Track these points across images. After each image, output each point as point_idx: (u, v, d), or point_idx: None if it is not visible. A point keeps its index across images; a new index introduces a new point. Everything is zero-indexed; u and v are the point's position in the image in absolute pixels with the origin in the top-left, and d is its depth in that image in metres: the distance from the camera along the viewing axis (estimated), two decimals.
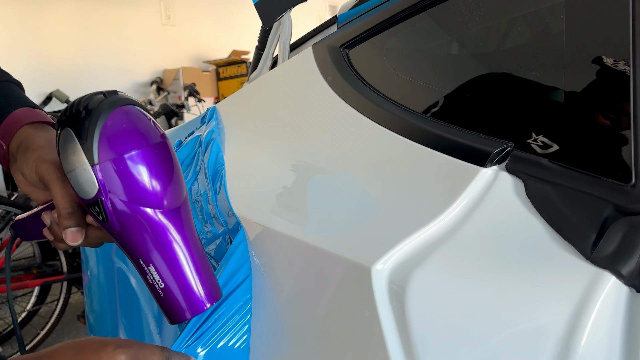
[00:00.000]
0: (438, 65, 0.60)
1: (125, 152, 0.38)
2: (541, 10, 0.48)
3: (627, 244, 0.33)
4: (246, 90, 0.76)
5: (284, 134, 0.63)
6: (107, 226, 0.40)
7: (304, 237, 0.49)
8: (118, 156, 0.38)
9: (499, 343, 0.34)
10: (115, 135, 0.38)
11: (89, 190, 0.38)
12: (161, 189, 0.40)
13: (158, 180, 0.40)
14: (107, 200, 0.38)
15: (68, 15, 3.32)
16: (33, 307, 2.05)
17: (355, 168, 0.52)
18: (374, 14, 0.61)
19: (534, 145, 0.41)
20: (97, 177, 0.38)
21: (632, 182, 0.34)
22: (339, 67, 0.61)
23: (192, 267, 0.42)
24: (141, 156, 0.39)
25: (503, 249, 0.38)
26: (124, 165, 0.38)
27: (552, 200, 0.37)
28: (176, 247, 0.42)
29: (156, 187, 0.40)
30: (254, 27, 0.94)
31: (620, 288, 0.32)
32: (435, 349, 0.37)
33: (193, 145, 0.72)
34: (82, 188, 0.39)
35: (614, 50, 0.38)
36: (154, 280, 0.42)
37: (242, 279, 0.54)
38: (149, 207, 0.40)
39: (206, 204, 0.63)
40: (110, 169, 0.38)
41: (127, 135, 0.39)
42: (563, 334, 0.32)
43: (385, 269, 0.40)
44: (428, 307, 0.38)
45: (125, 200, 0.39)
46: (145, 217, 0.40)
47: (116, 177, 0.38)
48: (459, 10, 0.54)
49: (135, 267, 0.42)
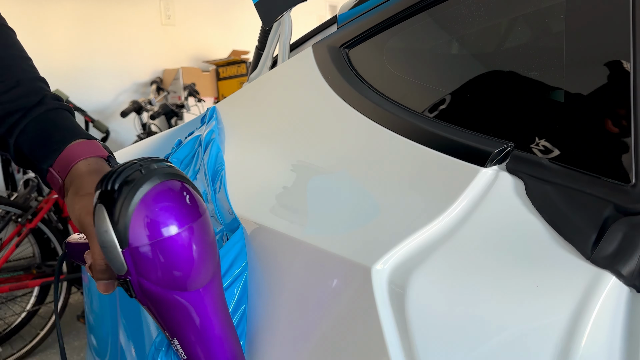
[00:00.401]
0: (438, 65, 0.60)
1: (157, 237, 0.37)
2: (541, 10, 0.48)
3: (628, 244, 0.33)
4: (246, 90, 0.76)
5: (283, 134, 0.63)
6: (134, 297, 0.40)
7: (304, 237, 0.49)
8: (149, 243, 0.37)
9: (499, 343, 0.34)
10: (149, 219, 0.37)
11: (118, 269, 0.38)
12: (192, 272, 0.39)
13: (189, 264, 0.39)
14: (135, 281, 0.38)
15: (68, 15, 3.31)
16: (33, 307, 2.05)
17: (355, 168, 0.52)
18: (374, 14, 0.61)
19: (535, 150, 0.41)
20: (126, 260, 0.38)
21: (633, 182, 0.34)
22: (339, 67, 0.61)
23: (216, 343, 0.42)
24: (173, 241, 0.38)
25: (503, 249, 0.38)
26: (154, 251, 0.37)
27: (553, 200, 0.37)
28: (201, 325, 0.41)
29: (186, 271, 0.39)
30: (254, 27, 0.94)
31: (620, 288, 0.32)
32: (435, 349, 0.37)
33: (193, 145, 0.72)
34: (112, 264, 0.38)
35: (615, 50, 0.38)
36: (177, 351, 0.42)
37: (236, 277, 0.54)
38: (176, 289, 0.39)
39: (206, 203, 0.63)
40: (139, 254, 0.37)
41: (161, 219, 0.37)
42: (563, 334, 0.32)
43: (385, 269, 0.40)
44: (428, 307, 0.38)
45: (153, 284, 0.38)
46: (172, 299, 0.39)
47: (145, 262, 0.37)
48: (459, 10, 0.54)
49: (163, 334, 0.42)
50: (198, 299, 0.40)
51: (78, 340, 2.07)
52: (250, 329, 0.56)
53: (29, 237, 2.04)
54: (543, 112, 0.44)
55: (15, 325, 2.02)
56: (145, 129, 3.10)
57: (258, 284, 0.55)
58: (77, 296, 2.32)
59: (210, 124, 0.74)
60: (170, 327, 0.41)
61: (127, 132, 3.24)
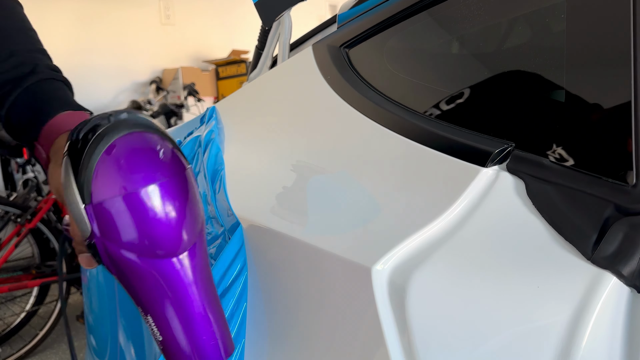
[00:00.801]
0: (438, 65, 0.60)
1: (121, 192, 0.33)
2: (541, 10, 0.48)
3: (628, 244, 0.33)
4: (246, 89, 0.76)
5: (283, 134, 0.63)
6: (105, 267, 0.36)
7: (304, 237, 0.49)
8: (111, 197, 0.33)
9: (500, 343, 0.34)
10: (113, 171, 0.33)
11: (83, 229, 0.34)
12: (163, 236, 0.34)
13: (159, 226, 0.34)
14: (100, 243, 0.34)
15: (67, 15, 3.31)
16: (32, 307, 2.05)
17: (355, 168, 0.52)
18: (374, 13, 0.61)
19: (538, 151, 0.41)
20: (89, 219, 0.33)
21: (633, 183, 0.34)
22: (339, 67, 0.61)
23: (198, 322, 0.36)
24: (140, 198, 0.33)
25: (504, 249, 0.37)
26: (118, 208, 0.33)
27: (553, 200, 0.37)
28: (179, 301, 0.35)
29: (156, 233, 0.34)
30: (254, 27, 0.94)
31: (621, 288, 0.32)
32: (435, 349, 0.36)
33: (192, 146, 0.72)
34: (78, 227, 0.34)
35: (615, 50, 0.38)
36: (154, 333, 0.36)
37: (236, 277, 0.54)
38: (146, 255, 0.34)
39: (205, 204, 0.63)
40: (102, 211, 0.33)
41: (126, 172, 0.33)
42: (564, 334, 0.32)
43: (385, 269, 0.40)
44: (428, 307, 0.38)
45: (119, 247, 0.33)
46: (142, 267, 0.34)
47: (108, 221, 0.33)
48: (459, 9, 0.54)
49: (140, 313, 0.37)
50: (172, 269, 0.35)
51: (77, 340, 2.07)
52: (250, 329, 0.56)
53: (28, 237, 2.03)
54: (543, 113, 0.44)
55: (14, 326, 2.02)
56: None
57: (258, 284, 0.55)
58: (77, 296, 2.32)
59: (210, 124, 0.74)
60: (143, 302, 0.35)
61: None
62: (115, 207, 0.33)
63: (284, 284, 0.51)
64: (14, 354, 1.94)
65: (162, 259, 0.34)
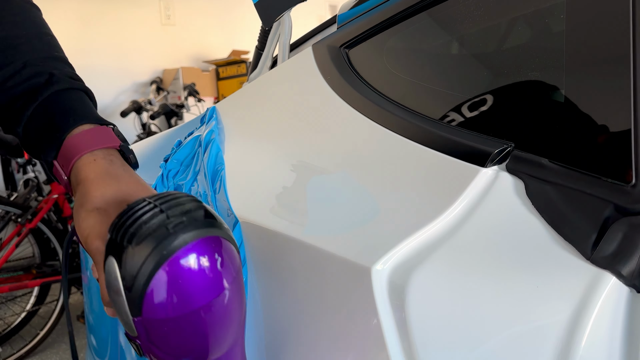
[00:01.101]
0: (438, 66, 0.60)
1: (176, 314, 0.31)
2: (541, 10, 0.48)
3: (628, 244, 0.33)
4: (246, 90, 0.76)
5: (283, 134, 0.63)
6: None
7: (304, 237, 0.49)
8: (161, 319, 0.31)
9: (499, 343, 0.34)
10: (169, 291, 0.30)
11: (128, 329, 0.33)
12: (212, 345, 0.33)
13: (211, 337, 0.33)
14: (145, 346, 0.33)
15: (68, 15, 3.31)
16: (33, 307, 2.05)
17: (355, 168, 0.52)
18: (374, 14, 0.61)
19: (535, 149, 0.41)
20: (136, 327, 0.32)
21: (633, 183, 0.34)
22: (339, 67, 0.61)
23: None
24: (195, 316, 0.31)
25: (503, 249, 0.38)
26: (171, 326, 0.31)
27: (553, 200, 0.37)
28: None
29: (206, 344, 0.33)
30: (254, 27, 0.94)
31: (620, 288, 0.32)
32: (435, 349, 0.37)
33: (193, 145, 0.72)
34: (122, 322, 0.33)
35: (615, 50, 0.38)
36: None
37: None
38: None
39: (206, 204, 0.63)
40: (153, 327, 0.31)
41: (185, 291, 0.31)
42: (563, 334, 0.32)
43: (385, 269, 0.40)
44: (428, 307, 0.38)
45: (165, 354, 0.33)
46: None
47: (159, 335, 0.32)
48: (459, 10, 0.54)
49: None
50: None
51: (78, 340, 2.07)
52: (250, 329, 0.56)
53: (29, 237, 2.03)
54: (543, 112, 0.44)
55: (15, 325, 2.02)
56: (145, 129, 3.11)
57: (258, 284, 0.55)
58: (77, 296, 2.32)
59: (210, 124, 0.74)
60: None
61: (127, 132, 3.24)
62: (168, 326, 0.31)
63: (284, 284, 0.51)
64: (15, 353, 1.94)
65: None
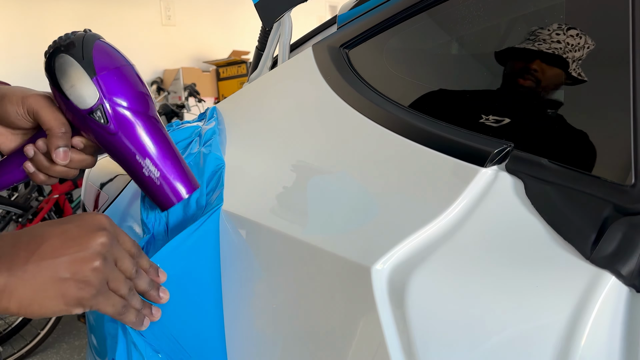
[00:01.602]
0: (438, 66, 0.60)
1: (114, 66, 0.48)
2: (541, 10, 0.48)
3: (627, 244, 0.33)
4: (246, 90, 0.76)
5: (284, 134, 0.63)
6: (104, 130, 0.48)
7: (304, 237, 0.49)
8: (111, 69, 0.48)
9: (499, 343, 0.34)
10: (105, 55, 0.48)
11: (90, 99, 0.47)
12: (145, 96, 0.50)
13: (141, 89, 0.50)
14: (106, 104, 0.47)
15: (69, 16, 3.32)
16: None
17: (355, 168, 0.52)
18: (374, 14, 0.61)
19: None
20: (97, 87, 0.47)
21: (632, 182, 0.34)
22: (339, 67, 0.61)
23: (178, 157, 0.53)
24: (126, 70, 0.49)
25: (503, 249, 0.38)
26: (117, 75, 0.48)
27: (552, 200, 0.37)
28: (163, 141, 0.51)
29: (141, 93, 0.50)
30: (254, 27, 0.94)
31: (620, 288, 0.33)
32: (435, 349, 0.37)
33: (190, 133, 0.72)
34: (83, 99, 0.47)
35: (614, 50, 0.38)
36: (151, 172, 0.51)
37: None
38: (139, 109, 0.49)
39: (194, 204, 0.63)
40: (106, 80, 0.47)
41: (112, 55, 0.49)
42: (563, 333, 0.32)
43: (385, 269, 0.40)
44: (428, 307, 0.38)
45: (120, 103, 0.48)
46: (137, 116, 0.49)
47: (111, 85, 0.47)
48: (459, 10, 0.54)
49: (130, 168, 0.51)
50: (155, 120, 0.51)
51: (79, 339, 2.07)
52: (251, 329, 0.56)
53: None
54: (543, 113, 0.44)
55: (15, 325, 2.02)
56: None
57: (258, 283, 0.55)
58: None
59: (210, 124, 0.74)
60: (140, 147, 0.50)
61: None
62: (112, 77, 0.48)
63: (283, 284, 0.51)
64: (15, 353, 1.94)
65: (147, 115, 0.50)
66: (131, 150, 0.50)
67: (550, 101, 0.44)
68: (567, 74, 0.42)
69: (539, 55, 0.47)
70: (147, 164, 0.50)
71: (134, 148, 0.50)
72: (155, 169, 0.51)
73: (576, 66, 0.44)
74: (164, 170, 0.51)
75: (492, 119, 0.48)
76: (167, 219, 0.60)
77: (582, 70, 0.42)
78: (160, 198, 0.52)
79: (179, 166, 0.52)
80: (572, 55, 0.43)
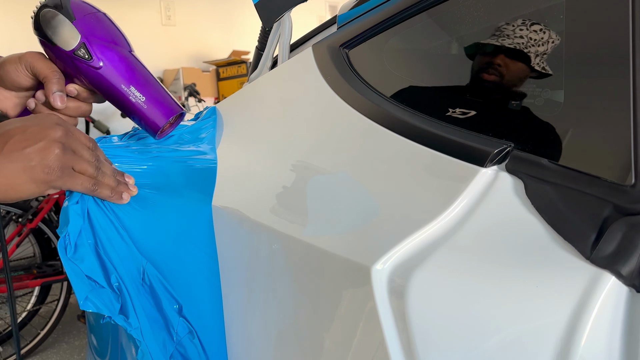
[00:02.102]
0: (438, 66, 0.60)
1: (90, 12, 0.56)
2: (541, 10, 0.48)
3: (627, 244, 0.33)
4: (246, 90, 0.76)
5: (284, 134, 0.63)
6: (90, 66, 0.56)
7: (304, 237, 0.49)
8: (87, 14, 0.56)
9: (499, 343, 0.34)
10: (80, 5, 0.56)
11: (73, 40, 0.55)
12: (120, 34, 0.59)
13: (116, 29, 0.59)
14: (87, 42, 0.55)
15: None
16: (33, 307, 2.05)
17: (355, 168, 0.52)
18: (374, 14, 0.61)
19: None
20: (77, 28, 0.55)
21: (632, 182, 0.34)
22: (339, 67, 0.61)
23: (159, 84, 0.61)
24: (100, 15, 0.58)
25: (503, 249, 0.38)
26: (93, 19, 0.56)
27: (552, 200, 0.37)
28: (144, 71, 0.60)
29: (116, 32, 0.58)
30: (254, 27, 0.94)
31: (620, 288, 0.33)
32: (435, 348, 0.37)
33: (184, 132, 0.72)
34: (67, 41, 0.54)
35: (614, 50, 0.38)
36: (137, 98, 0.58)
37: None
38: (116, 43, 0.58)
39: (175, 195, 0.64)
40: (84, 22, 0.55)
41: (87, 5, 0.57)
42: (563, 333, 0.32)
43: (385, 269, 0.40)
44: (428, 307, 0.38)
45: (99, 39, 0.56)
46: (116, 50, 0.57)
47: (89, 26, 0.55)
48: (459, 10, 0.54)
49: (118, 98, 0.58)
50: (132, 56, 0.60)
51: (79, 339, 2.08)
52: (251, 329, 0.56)
53: (30, 237, 2.04)
54: (543, 112, 0.44)
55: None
56: None
57: (258, 283, 0.55)
58: None
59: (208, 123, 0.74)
60: (125, 76, 0.57)
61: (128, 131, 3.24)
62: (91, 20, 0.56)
63: (283, 284, 0.51)
64: (15, 353, 1.94)
65: (126, 49, 0.59)
66: (116, 80, 0.57)
67: (550, 100, 0.44)
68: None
69: (539, 55, 0.47)
70: (132, 91, 0.58)
71: (119, 76, 0.57)
72: (140, 94, 0.58)
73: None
74: (148, 94, 0.59)
75: (491, 119, 0.48)
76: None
77: (582, 69, 0.42)
78: (150, 122, 0.59)
79: (162, 91, 0.60)
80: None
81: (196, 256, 0.59)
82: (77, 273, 0.52)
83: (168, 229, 0.58)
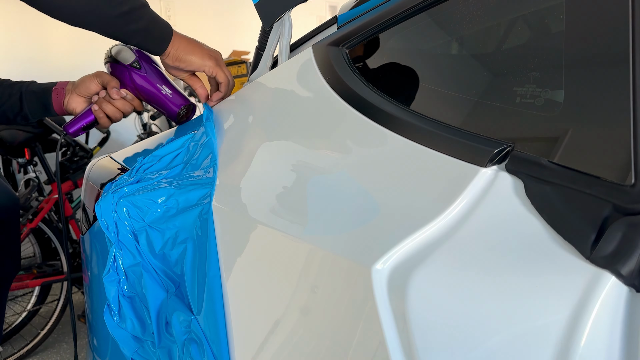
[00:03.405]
0: (438, 66, 0.60)
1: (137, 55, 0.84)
2: (541, 10, 0.48)
3: (627, 243, 0.33)
4: (246, 90, 0.76)
5: (283, 134, 0.63)
6: (139, 73, 0.83)
7: (304, 237, 0.49)
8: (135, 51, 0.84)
9: (499, 343, 0.34)
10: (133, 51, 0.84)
11: (131, 58, 0.82)
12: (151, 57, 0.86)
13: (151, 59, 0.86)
14: (138, 58, 0.83)
15: None
16: (33, 307, 2.05)
17: (355, 168, 0.52)
18: (374, 14, 0.61)
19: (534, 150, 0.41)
20: (133, 51, 0.83)
21: (632, 182, 0.34)
22: (339, 67, 0.61)
23: (175, 84, 0.87)
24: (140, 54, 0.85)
25: (503, 249, 0.38)
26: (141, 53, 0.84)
27: (552, 200, 0.37)
28: (165, 76, 0.86)
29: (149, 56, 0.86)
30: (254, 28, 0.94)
31: (620, 288, 0.33)
32: (435, 348, 0.37)
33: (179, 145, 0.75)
34: (127, 59, 0.82)
35: (614, 50, 0.38)
36: (166, 92, 0.84)
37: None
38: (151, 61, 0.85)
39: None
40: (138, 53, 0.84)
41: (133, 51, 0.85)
42: (563, 333, 0.32)
43: (385, 269, 0.40)
44: (428, 307, 0.38)
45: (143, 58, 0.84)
46: (152, 63, 0.85)
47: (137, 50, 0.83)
48: (459, 10, 0.54)
49: (154, 94, 0.84)
50: (159, 68, 0.86)
51: (79, 339, 2.07)
52: (251, 329, 0.56)
53: (30, 237, 2.04)
54: (543, 113, 0.44)
55: (15, 325, 2.02)
56: (145, 129, 3.10)
57: (258, 283, 0.55)
58: (78, 296, 2.32)
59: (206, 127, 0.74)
60: (159, 78, 0.85)
61: (128, 133, 3.24)
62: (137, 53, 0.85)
63: (283, 284, 0.52)
64: (15, 353, 1.94)
65: (156, 64, 0.87)
66: (154, 80, 0.84)
67: (550, 100, 0.44)
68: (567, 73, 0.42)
69: (539, 55, 0.47)
70: (163, 88, 0.84)
71: (156, 78, 0.84)
72: (167, 89, 0.84)
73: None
74: (172, 90, 0.85)
75: (491, 119, 0.48)
76: None
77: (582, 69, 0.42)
78: (172, 109, 0.85)
79: (177, 88, 0.86)
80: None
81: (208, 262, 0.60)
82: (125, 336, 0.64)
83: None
